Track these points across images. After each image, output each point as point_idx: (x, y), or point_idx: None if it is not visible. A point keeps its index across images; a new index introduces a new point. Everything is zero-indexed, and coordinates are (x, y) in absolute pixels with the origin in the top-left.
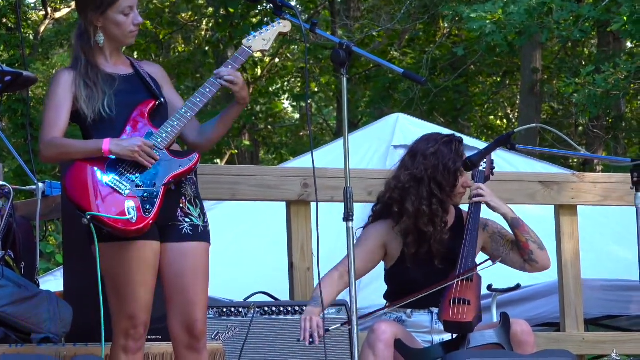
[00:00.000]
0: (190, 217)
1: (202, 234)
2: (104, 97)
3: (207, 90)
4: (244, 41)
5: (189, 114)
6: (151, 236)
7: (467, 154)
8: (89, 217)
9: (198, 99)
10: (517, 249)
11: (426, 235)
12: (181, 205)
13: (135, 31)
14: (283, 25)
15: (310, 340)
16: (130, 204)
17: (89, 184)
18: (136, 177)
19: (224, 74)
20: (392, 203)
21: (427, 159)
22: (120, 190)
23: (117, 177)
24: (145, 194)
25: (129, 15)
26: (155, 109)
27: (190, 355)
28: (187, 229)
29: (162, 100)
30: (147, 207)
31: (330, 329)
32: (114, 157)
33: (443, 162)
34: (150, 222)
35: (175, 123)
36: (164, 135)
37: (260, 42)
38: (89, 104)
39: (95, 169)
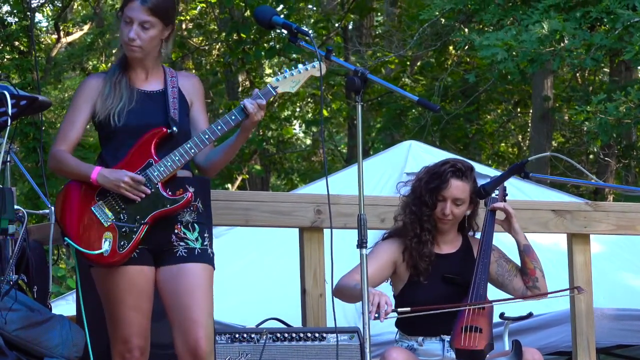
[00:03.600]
0: (186, 240)
1: (198, 256)
2: (119, 102)
3: (219, 127)
4: (272, 80)
5: (193, 151)
6: (143, 261)
7: (479, 181)
8: (66, 242)
9: (206, 136)
10: (522, 275)
11: (414, 251)
12: (176, 231)
13: (130, 45)
14: (317, 69)
15: (376, 315)
16: (108, 236)
17: (74, 208)
18: (122, 209)
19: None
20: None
21: (420, 175)
22: (102, 220)
23: (103, 206)
24: (125, 229)
25: (127, 26)
26: (166, 136)
27: None
28: (181, 251)
29: (175, 129)
30: (123, 242)
31: (398, 310)
32: None
33: (426, 180)
34: (124, 258)
35: (177, 158)
36: (162, 169)
37: (288, 83)
38: (104, 103)
39: (86, 193)
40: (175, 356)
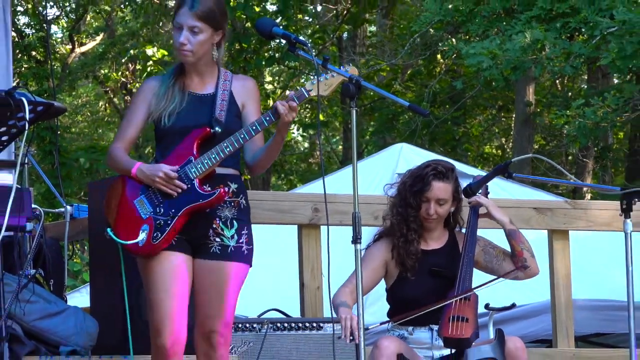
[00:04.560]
0: (222, 237)
1: (231, 254)
2: (171, 104)
3: (254, 128)
4: (307, 84)
5: (228, 149)
6: (179, 248)
7: (466, 181)
8: (108, 235)
9: (242, 136)
10: (511, 257)
11: (401, 249)
12: (214, 226)
13: (181, 50)
14: (348, 73)
15: (351, 338)
16: (145, 227)
17: (119, 200)
18: (160, 203)
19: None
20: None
21: (404, 179)
22: (142, 213)
23: (143, 199)
24: (160, 221)
25: (177, 32)
26: (210, 136)
27: None
28: (216, 248)
29: (218, 129)
30: (156, 234)
31: (369, 327)
32: None
33: (410, 183)
34: (157, 249)
35: (213, 156)
36: (199, 166)
37: (322, 87)
38: (158, 105)
39: (132, 187)
40: (192, 342)
